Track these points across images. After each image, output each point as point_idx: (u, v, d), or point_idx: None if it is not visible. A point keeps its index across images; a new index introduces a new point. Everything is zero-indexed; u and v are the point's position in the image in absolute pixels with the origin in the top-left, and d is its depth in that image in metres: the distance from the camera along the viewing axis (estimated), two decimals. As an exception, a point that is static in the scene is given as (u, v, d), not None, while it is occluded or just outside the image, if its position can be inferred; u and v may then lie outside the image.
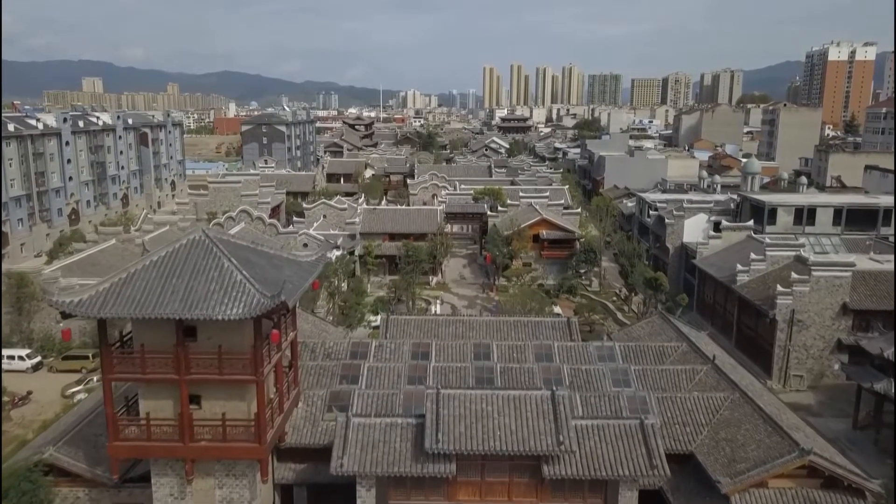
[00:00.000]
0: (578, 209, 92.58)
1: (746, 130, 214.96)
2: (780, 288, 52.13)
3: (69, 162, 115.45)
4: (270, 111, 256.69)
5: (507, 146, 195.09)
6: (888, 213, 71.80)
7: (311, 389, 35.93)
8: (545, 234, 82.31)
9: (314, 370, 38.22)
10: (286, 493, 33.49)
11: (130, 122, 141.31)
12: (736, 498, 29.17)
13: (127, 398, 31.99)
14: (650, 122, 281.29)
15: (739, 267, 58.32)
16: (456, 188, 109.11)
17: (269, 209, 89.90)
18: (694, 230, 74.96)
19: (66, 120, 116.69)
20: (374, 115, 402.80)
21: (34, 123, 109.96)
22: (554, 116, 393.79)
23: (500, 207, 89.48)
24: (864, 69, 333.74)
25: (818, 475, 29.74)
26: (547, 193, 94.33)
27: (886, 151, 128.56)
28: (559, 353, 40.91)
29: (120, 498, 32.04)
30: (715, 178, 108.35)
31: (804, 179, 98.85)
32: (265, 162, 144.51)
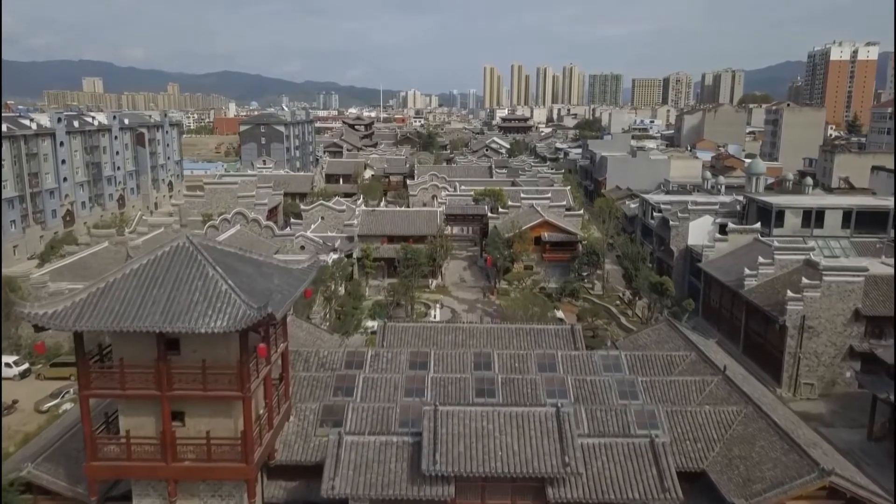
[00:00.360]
0: (580, 211, 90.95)
1: (749, 130, 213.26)
2: (790, 293, 50.48)
3: (63, 163, 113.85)
4: (270, 111, 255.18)
5: (507, 146, 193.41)
6: (899, 215, 70.08)
7: (303, 402, 34.24)
8: (547, 236, 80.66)
9: (307, 381, 36.56)
10: (276, 512, 31.82)
11: (127, 122, 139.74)
12: (752, 521, 27.53)
13: (107, 414, 30.30)
14: (651, 122, 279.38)
15: (747, 271, 56.67)
16: (456, 189, 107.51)
17: (265, 211, 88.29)
18: (699, 232, 73.30)
19: (60, 120, 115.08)
20: (374, 115, 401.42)
21: (27, 123, 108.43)
22: (555, 116, 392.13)
23: (500, 209, 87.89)
24: (866, 69, 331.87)
25: (839, 496, 28.10)
26: (549, 195, 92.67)
27: (893, 152, 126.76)
28: (563, 362, 39.26)
29: (101, 518, 30.42)
30: (719, 178, 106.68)
31: (810, 180, 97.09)
32: (263, 162, 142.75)
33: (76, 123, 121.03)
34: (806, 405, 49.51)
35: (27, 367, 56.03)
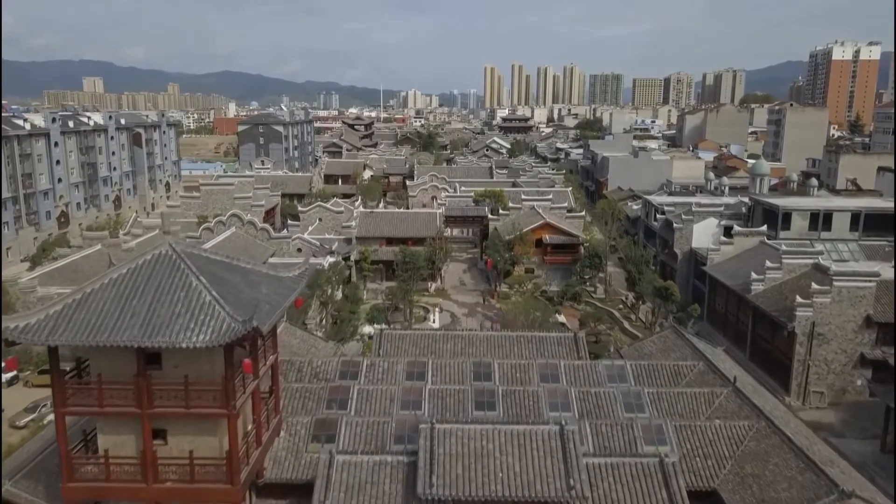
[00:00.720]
0: (582, 212, 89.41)
1: (751, 131, 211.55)
2: (799, 299, 48.99)
3: (58, 163, 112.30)
4: (270, 111, 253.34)
5: (508, 146, 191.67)
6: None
7: (294, 416, 32.71)
8: (548, 238, 79.11)
9: (299, 393, 35.02)
10: (266, 532, 30.31)
11: (123, 122, 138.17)
12: (767, 545, 26.03)
13: (85, 432, 28.71)
14: (653, 122, 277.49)
15: (754, 275, 55.20)
16: (456, 190, 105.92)
17: (262, 212, 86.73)
18: (703, 235, 71.83)
19: (54, 120, 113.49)
20: (374, 115, 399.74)
21: (21, 124, 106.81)
22: (555, 116, 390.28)
23: (501, 210, 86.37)
24: (868, 69, 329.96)
25: (858, 519, 26.58)
26: (550, 196, 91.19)
27: (893, 153, 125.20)
28: (566, 372, 37.75)
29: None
30: (723, 179, 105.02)
31: (815, 181, 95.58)
32: (262, 163, 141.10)
33: (71, 124, 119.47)
34: (815, 414, 48.07)
35: (15, 374, 54.55)
